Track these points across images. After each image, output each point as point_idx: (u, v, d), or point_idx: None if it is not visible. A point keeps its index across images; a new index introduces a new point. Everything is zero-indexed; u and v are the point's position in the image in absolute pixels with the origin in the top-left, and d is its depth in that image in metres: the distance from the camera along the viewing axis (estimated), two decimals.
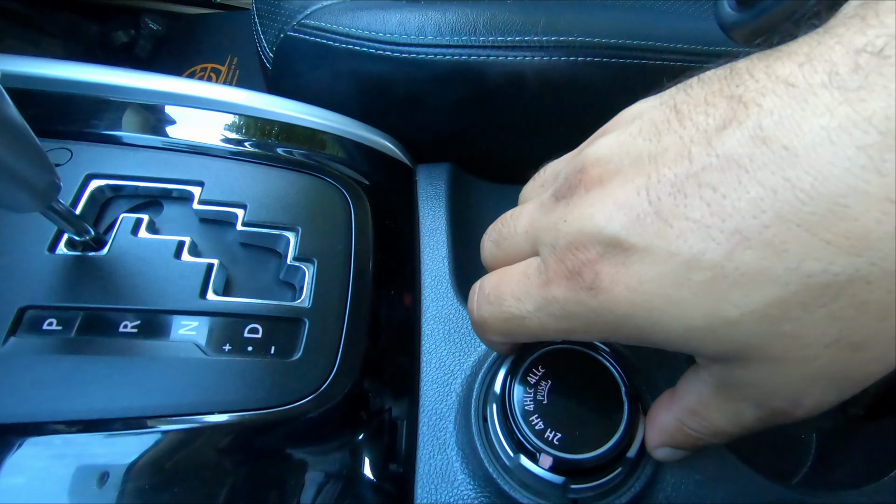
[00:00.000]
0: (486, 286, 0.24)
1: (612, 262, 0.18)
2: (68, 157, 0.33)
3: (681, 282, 0.17)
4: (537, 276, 0.21)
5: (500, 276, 0.23)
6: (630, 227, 0.18)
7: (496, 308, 0.22)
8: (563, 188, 0.21)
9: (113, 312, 0.27)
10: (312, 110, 0.40)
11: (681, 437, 0.23)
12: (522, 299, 0.21)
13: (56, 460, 0.23)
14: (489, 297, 0.23)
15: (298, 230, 0.32)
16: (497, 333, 0.24)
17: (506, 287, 0.22)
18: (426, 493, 0.29)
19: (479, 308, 0.24)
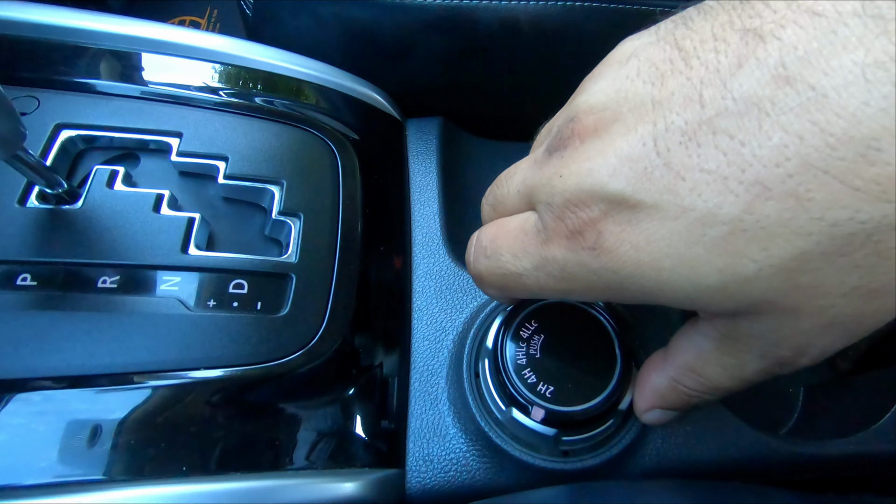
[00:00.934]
0: (483, 238, 0.23)
1: (617, 220, 0.17)
2: (35, 106, 0.31)
3: (694, 239, 0.16)
4: (535, 234, 0.20)
5: (497, 228, 0.22)
6: (637, 182, 0.16)
7: (493, 263, 0.22)
8: (555, 141, 0.20)
9: (91, 268, 0.26)
10: (296, 59, 0.38)
11: (674, 397, 0.23)
12: (520, 256, 0.20)
13: (36, 417, 0.23)
14: (486, 249, 0.22)
15: (283, 184, 0.31)
16: (493, 288, 0.23)
17: (503, 241, 0.21)
18: (418, 448, 0.29)
19: (476, 261, 0.23)
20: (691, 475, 0.28)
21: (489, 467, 0.28)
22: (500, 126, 0.47)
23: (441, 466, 0.28)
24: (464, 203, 0.40)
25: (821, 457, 0.29)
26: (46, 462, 0.22)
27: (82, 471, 0.22)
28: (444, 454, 0.29)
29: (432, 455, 0.29)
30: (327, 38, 0.40)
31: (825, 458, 0.29)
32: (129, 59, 0.35)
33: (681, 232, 0.16)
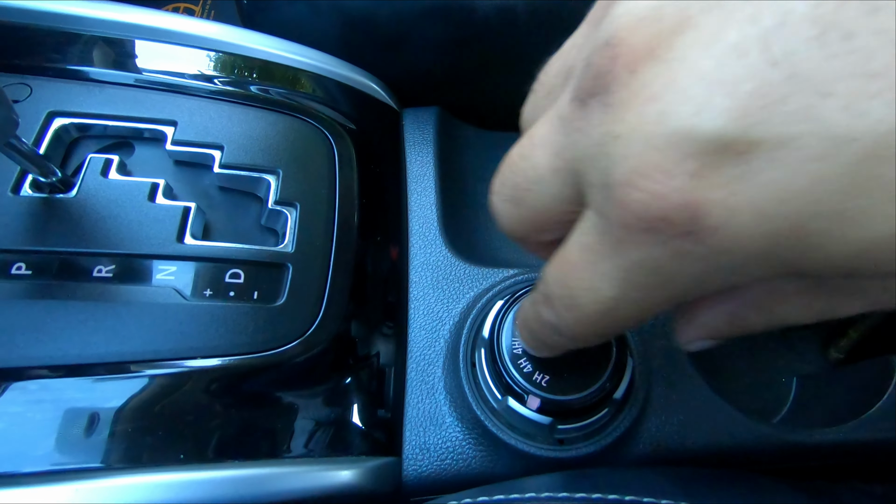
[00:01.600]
0: (551, 289, 0.17)
1: (719, 179, 0.11)
2: (28, 94, 0.30)
3: (861, 183, 0.10)
4: (600, 240, 0.14)
5: (559, 267, 0.16)
6: (745, 113, 0.11)
7: (577, 312, 0.16)
8: (586, 81, 0.13)
9: (85, 257, 0.26)
10: (292, 47, 0.37)
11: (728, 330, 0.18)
12: (597, 285, 0.14)
13: (33, 406, 0.23)
14: (563, 300, 0.16)
15: (279, 173, 0.31)
16: (597, 337, 0.17)
17: (572, 278, 0.15)
18: (414, 436, 0.29)
19: (561, 317, 0.17)
20: (685, 463, 0.29)
21: (485, 455, 0.29)
22: (498, 116, 0.47)
23: (437, 455, 0.29)
24: (460, 193, 0.40)
25: (811, 445, 0.29)
26: (44, 450, 0.22)
27: (80, 459, 0.22)
28: (441, 443, 0.29)
29: (428, 443, 0.29)
30: (323, 26, 0.40)
31: (816, 446, 0.29)
32: (123, 46, 0.35)
33: (837, 175, 0.10)
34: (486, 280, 0.33)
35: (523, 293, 0.28)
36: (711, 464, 0.29)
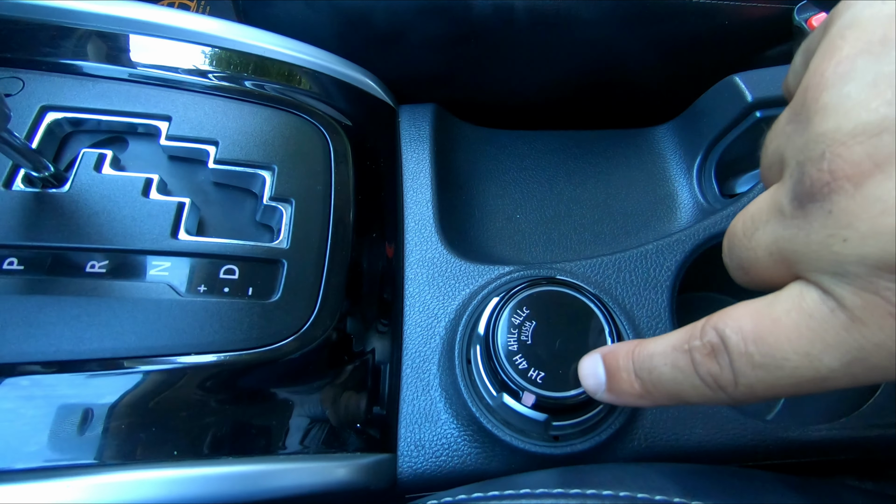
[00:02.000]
0: (732, 338, 0.16)
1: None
2: (20, 87, 0.30)
3: None
4: (831, 318, 0.15)
5: (754, 320, 0.16)
6: None
7: (772, 373, 0.16)
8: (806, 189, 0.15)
9: (78, 252, 0.26)
10: (288, 42, 0.37)
11: None
12: (817, 354, 0.15)
13: (25, 402, 0.22)
14: (751, 356, 0.16)
15: (275, 169, 0.31)
16: (768, 398, 0.17)
17: (777, 338, 0.15)
18: (409, 433, 0.29)
19: (741, 373, 0.16)
20: (679, 459, 0.29)
21: (480, 452, 0.29)
22: (494, 113, 0.47)
23: (432, 451, 0.29)
24: (457, 190, 0.40)
25: (805, 441, 0.29)
26: (36, 446, 0.22)
27: (73, 455, 0.22)
28: (436, 439, 0.29)
29: (424, 440, 0.29)
30: (319, 21, 0.39)
31: (810, 442, 0.29)
32: (117, 40, 0.34)
33: None
34: (481, 277, 0.33)
35: (518, 290, 0.28)
36: (706, 460, 0.29)
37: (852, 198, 0.13)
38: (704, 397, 0.18)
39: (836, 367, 0.15)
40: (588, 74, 0.44)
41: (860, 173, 0.13)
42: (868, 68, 0.13)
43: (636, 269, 0.33)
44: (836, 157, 0.13)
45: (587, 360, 0.23)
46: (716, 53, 0.43)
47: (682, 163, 0.42)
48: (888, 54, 0.13)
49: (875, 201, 0.13)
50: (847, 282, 0.14)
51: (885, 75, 0.13)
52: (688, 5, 0.39)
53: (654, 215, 0.40)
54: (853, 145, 0.13)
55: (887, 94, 0.13)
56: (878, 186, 0.13)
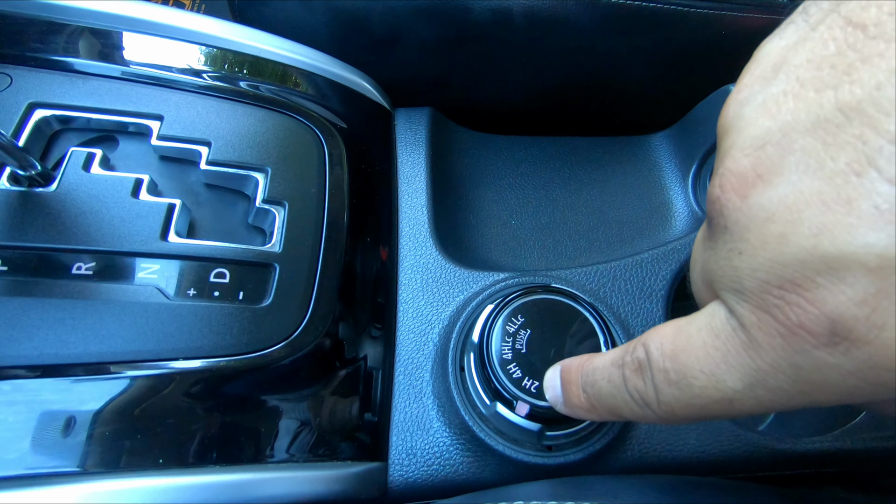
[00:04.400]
0: (654, 354, 0.17)
1: (854, 294, 0.12)
2: (8, 83, 0.29)
3: None
4: (732, 337, 0.15)
5: (673, 337, 0.16)
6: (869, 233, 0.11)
7: (684, 392, 0.16)
8: (710, 207, 0.15)
9: (64, 253, 0.25)
10: (283, 43, 0.37)
11: None
12: (721, 375, 0.15)
13: (6, 407, 0.22)
14: (668, 373, 0.16)
15: (268, 171, 0.30)
16: (689, 420, 0.17)
17: (689, 357, 0.16)
18: (401, 441, 0.29)
19: (660, 391, 0.16)
20: (672, 470, 0.29)
21: (472, 461, 0.28)
22: (490, 118, 0.47)
23: (424, 460, 0.28)
24: (452, 195, 0.40)
25: (798, 453, 0.29)
26: (17, 453, 0.21)
27: (56, 463, 0.22)
28: (428, 448, 0.29)
29: (415, 448, 0.29)
30: (315, 23, 0.39)
31: (802, 454, 0.29)
32: (109, 37, 0.34)
33: None
34: (475, 283, 0.33)
35: (513, 297, 0.28)
36: (699, 471, 0.29)
37: (740, 210, 0.14)
38: (636, 414, 0.18)
39: (740, 388, 0.14)
40: (585, 81, 0.44)
41: (745, 184, 0.14)
42: (760, 91, 0.14)
43: (631, 278, 0.33)
44: (726, 171, 0.14)
45: (549, 372, 0.23)
46: (712, 63, 0.43)
47: (678, 171, 0.42)
48: (777, 77, 0.14)
49: (759, 210, 0.13)
50: (745, 298, 0.14)
51: (773, 95, 0.14)
52: (685, 14, 0.39)
53: (649, 223, 0.40)
54: (740, 158, 0.14)
55: (772, 110, 0.13)
56: (761, 195, 0.13)
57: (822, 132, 0.12)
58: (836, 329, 0.12)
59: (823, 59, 0.13)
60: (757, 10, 0.41)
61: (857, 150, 0.12)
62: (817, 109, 0.12)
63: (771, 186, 0.13)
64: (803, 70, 0.13)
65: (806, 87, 0.13)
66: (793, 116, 0.13)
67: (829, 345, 0.12)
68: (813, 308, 0.12)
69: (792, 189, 0.13)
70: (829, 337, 0.12)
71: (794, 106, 0.13)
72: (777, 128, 0.13)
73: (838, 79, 0.12)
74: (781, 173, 0.13)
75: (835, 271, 0.12)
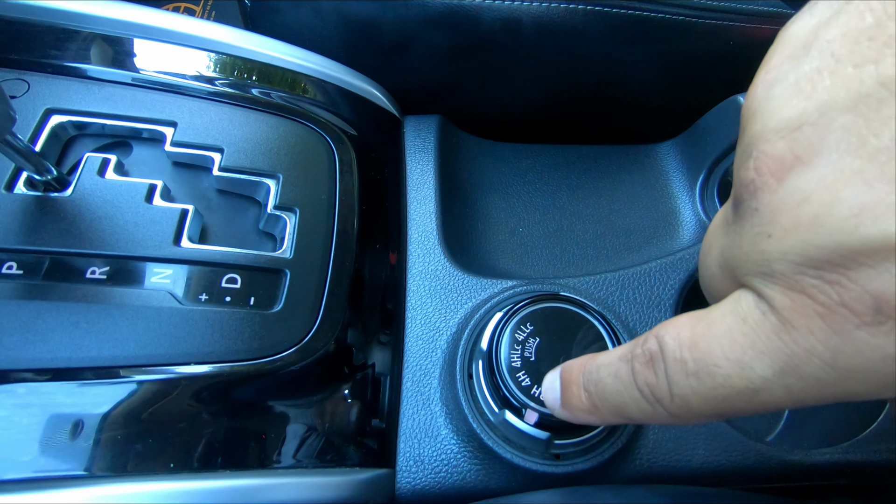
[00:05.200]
0: (669, 345, 0.16)
1: (890, 270, 0.11)
2: (25, 90, 0.30)
3: None
4: (762, 322, 0.14)
5: (690, 326, 0.15)
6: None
7: (704, 382, 0.15)
8: (739, 190, 0.15)
9: (79, 257, 0.26)
10: (295, 51, 0.37)
11: None
12: (749, 362, 0.14)
13: (19, 410, 0.22)
14: (685, 363, 0.15)
15: (279, 178, 0.31)
16: (706, 417, 0.16)
17: (712, 345, 0.15)
18: (409, 448, 0.29)
19: (674, 383, 0.15)
20: (681, 481, 0.29)
21: (480, 469, 0.28)
22: (498, 126, 0.47)
23: (432, 467, 0.28)
24: (460, 202, 0.40)
25: (808, 465, 0.29)
26: (29, 456, 0.22)
27: (67, 465, 0.22)
28: (436, 455, 0.29)
29: (423, 456, 0.29)
30: (326, 31, 0.40)
31: (811, 465, 0.29)
32: (123, 44, 0.34)
33: None
34: (484, 291, 0.33)
35: (522, 305, 0.28)
36: (707, 482, 0.29)
37: (775, 192, 0.13)
38: (644, 412, 0.17)
39: (769, 376, 0.14)
40: (593, 90, 0.44)
41: (782, 167, 0.13)
42: (791, 70, 0.14)
43: (640, 287, 0.33)
44: (761, 154, 0.14)
45: (549, 376, 0.22)
46: (720, 73, 0.43)
47: (685, 180, 0.42)
48: (809, 55, 0.13)
49: (794, 192, 0.13)
50: (775, 281, 0.13)
51: (806, 73, 0.13)
52: (693, 25, 0.39)
53: (657, 232, 0.40)
54: (776, 141, 0.13)
55: (807, 90, 0.13)
56: (799, 177, 0.13)
57: (864, 108, 0.12)
58: (880, 307, 0.11)
59: (861, 32, 0.12)
60: (764, 21, 0.41)
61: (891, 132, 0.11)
62: (857, 85, 0.12)
63: (810, 168, 0.12)
64: (838, 45, 0.12)
65: (843, 63, 0.12)
66: (830, 95, 0.12)
67: (873, 324, 0.12)
68: (855, 286, 0.12)
69: (832, 169, 0.12)
70: (874, 315, 0.12)
71: (830, 83, 0.12)
72: (814, 107, 0.12)
73: (879, 51, 0.12)
74: (821, 153, 0.12)
75: (878, 251, 0.11)
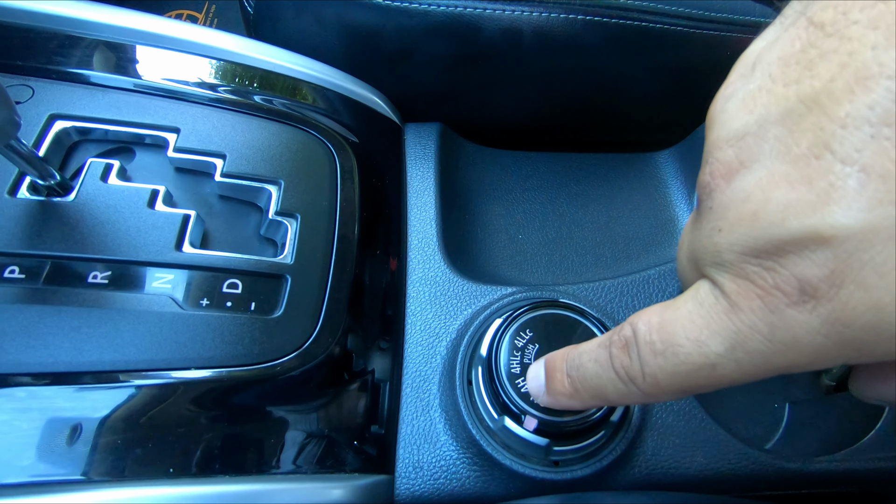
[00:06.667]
0: (641, 329, 0.18)
1: (818, 260, 0.13)
2: (30, 95, 0.30)
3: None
4: (714, 304, 0.16)
5: (659, 312, 0.18)
6: (825, 210, 0.13)
7: (670, 360, 0.17)
8: (700, 193, 0.17)
9: (81, 262, 0.26)
10: (296, 58, 0.38)
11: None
12: (704, 340, 0.16)
13: (20, 414, 0.22)
14: (654, 344, 0.17)
15: (281, 184, 0.31)
16: (673, 393, 0.18)
17: (675, 326, 0.17)
18: (408, 454, 0.29)
19: (645, 363, 0.17)
20: (679, 488, 0.29)
21: (479, 475, 0.28)
22: (498, 134, 0.47)
23: (431, 473, 0.28)
24: (460, 209, 0.40)
25: (806, 472, 0.29)
26: (29, 460, 0.22)
27: (68, 469, 0.22)
28: (435, 461, 0.29)
29: (422, 462, 0.29)
30: (328, 39, 0.40)
31: (810, 473, 0.29)
32: (126, 51, 0.34)
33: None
34: (483, 297, 0.33)
35: (522, 312, 0.28)
36: (706, 489, 0.29)
37: (724, 192, 0.16)
38: (620, 392, 0.19)
39: (722, 351, 0.16)
40: (592, 99, 0.44)
41: (730, 171, 0.15)
42: (741, 87, 0.16)
43: (639, 294, 0.33)
44: (715, 160, 0.16)
45: (532, 367, 0.24)
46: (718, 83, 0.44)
47: (684, 189, 0.42)
48: (753, 75, 0.16)
49: (739, 192, 0.15)
50: (725, 270, 0.16)
51: (750, 91, 0.15)
52: (691, 36, 0.40)
53: (655, 240, 0.41)
54: (726, 149, 0.16)
55: (750, 105, 0.15)
56: (742, 179, 0.15)
57: (789, 122, 0.14)
58: (804, 288, 0.14)
59: (791, 56, 0.14)
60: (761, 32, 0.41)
61: (816, 136, 0.13)
62: (784, 102, 0.14)
63: (750, 171, 0.15)
64: (774, 67, 0.15)
65: (776, 83, 0.15)
66: (766, 110, 0.15)
67: (799, 303, 0.14)
68: (785, 270, 0.14)
69: (766, 172, 0.14)
70: (799, 295, 0.14)
71: (766, 100, 0.15)
72: (754, 120, 0.15)
73: (801, 73, 0.14)
74: (759, 159, 0.15)
75: (800, 241, 0.13)
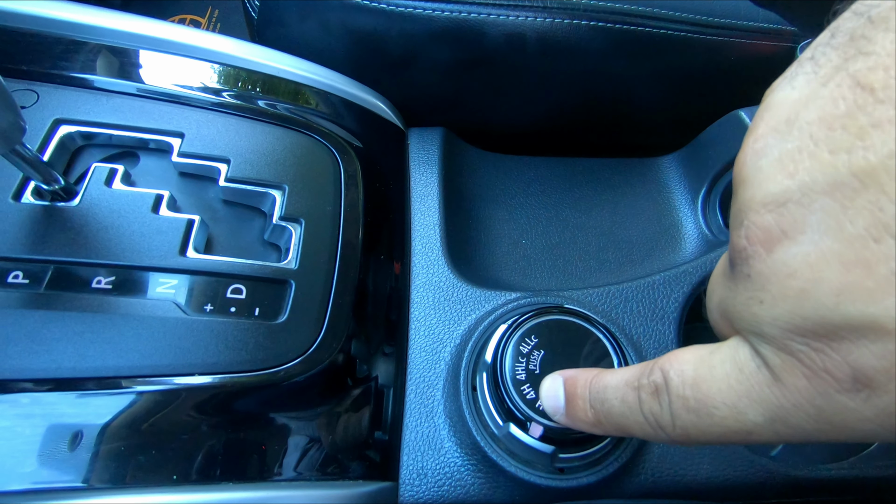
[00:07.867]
0: (674, 381, 0.17)
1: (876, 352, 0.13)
2: (34, 100, 0.30)
3: None
4: (756, 373, 0.15)
5: (694, 365, 0.17)
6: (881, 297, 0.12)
7: (704, 420, 0.16)
8: (733, 253, 0.16)
9: (85, 267, 0.26)
10: (301, 63, 0.38)
11: None
12: (744, 409, 0.15)
13: (22, 420, 0.22)
14: (687, 400, 0.17)
15: (285, 189, 0.31)
16: (703, 444, 0.18)
17: (711, 388, 0.16)
18: (412, 460, 0.29)
19: (677, 416, 0.17)
20: (686, 495, 0.28)
21: (484, 482, 0.28)
22: (502, 139, 0.47)
23: (435, 480, 0.28)
24: (464, 214, 0.40)
25: (813, 480, 0.29)
26: (31, 467, 0.21)
27: (72, 476, 0.22)
28: (439, 468, 0.28)
29: (426, 468, 0.28)
30: (332, 44, 0.40)
31: (817, 481, 0.29)
32: (130, 56, 0.35)
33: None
34: (488, 303, 0.33)
35: (527, 318, 0.28)
36: (712, 497, 0.28)
37: (764, 262, 0.14)
38: (647, 434, 0.18)
39: (761, 422, 0.15)
40: (596, 104, 0.44)
41: (770, 239, 0.14)
42: (775, 145, 0.14)
43: (644, 300, 0.33)
44: (752, 224, 0.15)
45: (549, 381, 0.23)
46: (721, 87, 0.44)
47: (687, 193, 0.42)
48: (791, 133, 0.14)
49: (782, 265, 0.14)
50: (766, 341, 0.15)
51: (789, 152, 0.14)
52: (695, 41, 0.40)
53: (659, 245, 0.41)
54: (764, 213, 0.14)
55: (790, 168, 0.14)
56: (786, 252, 0.14)
57: (839, 195, 0.13)
58: (858, 377, 0.13)
59: (835, 119, 0.13)
60: (763, 37, 0.41)
61: (875, 217, 0.12)
62: (833, 172, 0.13)
63: (795, 244, 0.14)
64: (816, 128, 0.13)
65: (820, 147, 0.13)
66: (810, 177, 0.13)
67: (852, 391, 0.13)
68: (837, 356, 0.13)
69: (814, 248, 0.13)
70: (852, 383, 0.13)
71: (810, 165, 0.13)
72: (796, 187, 0.14)
73: (851, 142, 0.13)
74: (804, 231, 0.13)
75: (857, 329, 0.13)
